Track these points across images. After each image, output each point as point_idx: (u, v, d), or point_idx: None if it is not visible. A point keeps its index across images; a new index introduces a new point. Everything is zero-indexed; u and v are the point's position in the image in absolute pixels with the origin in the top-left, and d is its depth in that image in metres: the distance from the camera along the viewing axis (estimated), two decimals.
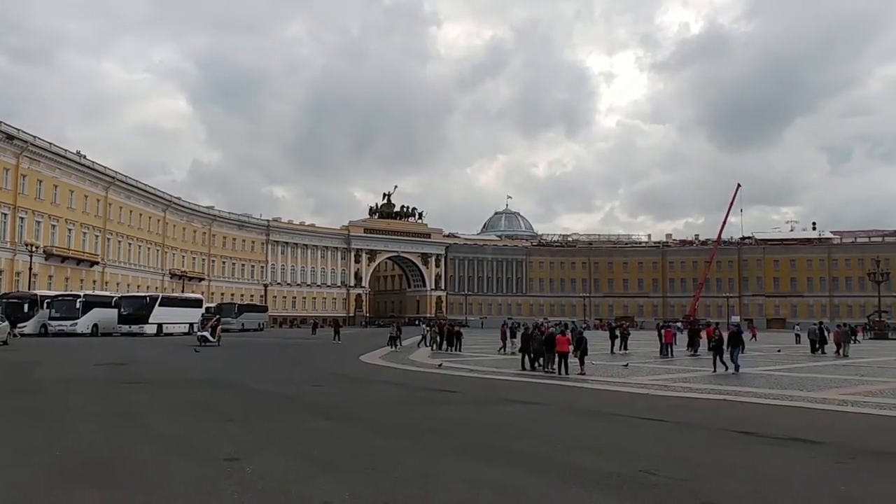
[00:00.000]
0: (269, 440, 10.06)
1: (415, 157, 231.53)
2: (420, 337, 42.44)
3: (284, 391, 17.16)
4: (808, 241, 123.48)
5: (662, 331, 34.34)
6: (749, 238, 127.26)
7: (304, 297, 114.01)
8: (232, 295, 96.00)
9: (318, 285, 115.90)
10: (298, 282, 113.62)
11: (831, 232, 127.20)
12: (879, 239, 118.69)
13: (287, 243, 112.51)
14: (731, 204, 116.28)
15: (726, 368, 23.06)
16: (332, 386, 19.06)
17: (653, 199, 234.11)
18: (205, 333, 39.50)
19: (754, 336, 55.32)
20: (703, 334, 33.86)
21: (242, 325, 70.33)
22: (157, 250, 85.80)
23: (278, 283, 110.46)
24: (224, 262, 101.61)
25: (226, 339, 41.63)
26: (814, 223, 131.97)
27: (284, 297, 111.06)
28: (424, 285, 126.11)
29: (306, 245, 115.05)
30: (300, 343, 46.04)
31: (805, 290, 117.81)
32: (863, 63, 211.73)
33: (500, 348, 34.80)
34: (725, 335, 25.16)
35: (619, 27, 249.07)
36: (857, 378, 21.59)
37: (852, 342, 37.56)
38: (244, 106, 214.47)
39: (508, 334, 35.93)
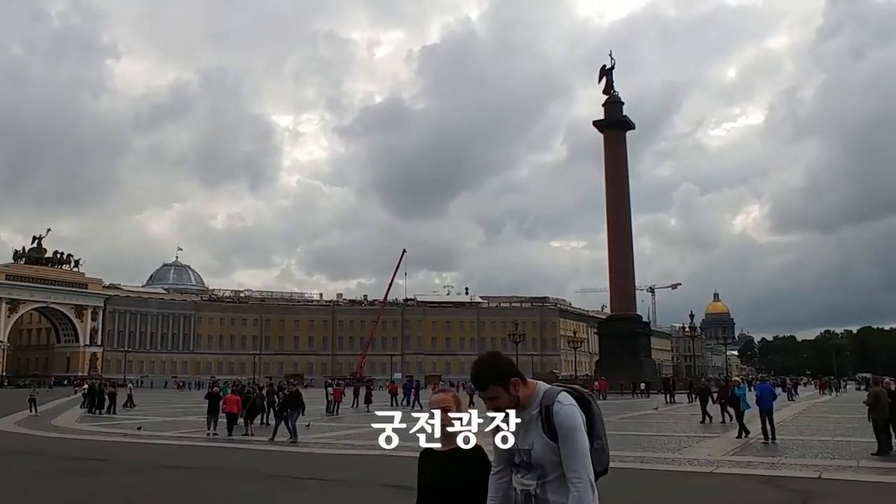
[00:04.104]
0: None
1: (78, 197, 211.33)
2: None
3: None
4: (462, 304, 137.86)
5: (330, 388, 35.41)
6: (412, 300, 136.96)
7: None
8: None
9: None
10: None
11: (481, 297, 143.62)
12: (518, 304, 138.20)
13: None
14: (397, 268, 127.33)
15: (291, 436, 19.64)
16: None
17: (329, 259, 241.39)
18: None
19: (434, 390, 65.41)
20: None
21: None
22: None
23: None
24: None
25: None
26: (466, 288, 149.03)
27: None
28: (77, 340, 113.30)
29: None
30: None
31: (458, 348, 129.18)
32: (516, 149, 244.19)
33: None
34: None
35: (308, 87, 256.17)
36: None
37: None
38: None
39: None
